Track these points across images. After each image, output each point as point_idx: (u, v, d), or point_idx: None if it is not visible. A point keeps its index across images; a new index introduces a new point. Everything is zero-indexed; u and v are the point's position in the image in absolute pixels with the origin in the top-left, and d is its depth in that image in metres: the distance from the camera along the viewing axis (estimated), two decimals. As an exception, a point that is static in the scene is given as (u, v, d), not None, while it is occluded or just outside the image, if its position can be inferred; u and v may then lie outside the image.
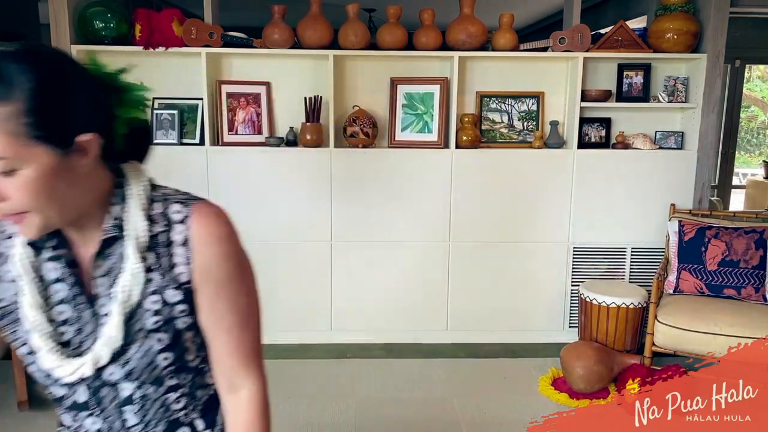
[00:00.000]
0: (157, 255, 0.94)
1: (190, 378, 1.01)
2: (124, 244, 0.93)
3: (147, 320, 0.93)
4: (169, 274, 0.94)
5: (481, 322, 3.70)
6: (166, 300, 0.94)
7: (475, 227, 3.60)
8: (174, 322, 0.94)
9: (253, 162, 3.49)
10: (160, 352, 0.94)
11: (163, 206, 0.97)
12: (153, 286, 0.93)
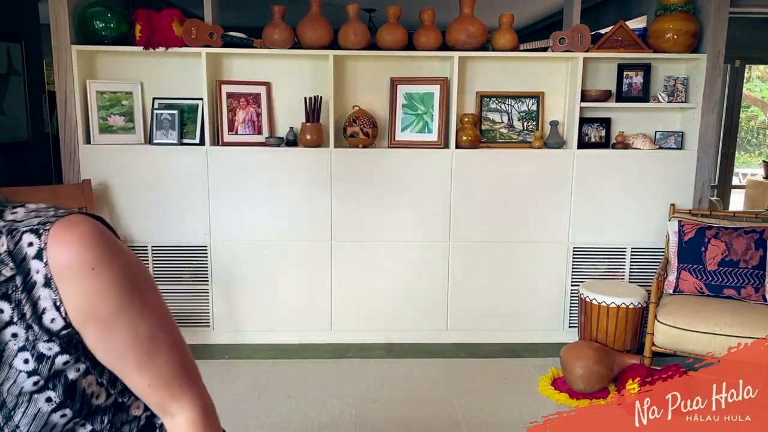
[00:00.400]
0: (15, 304, 0.74)
1: (107, 419, 0.85)
2: None
3: (24, 382, 0.76)
4: (36, 325, 0.75)
5: (481, 322, 3.70)
6: (42, 354, 0.76)
7: (475, 227, 3.60)
8: (62, 374, 0.78)
9: (253, 162, 3.49)
10: (53, 412, 0.79)
11: (10, 240, 0.75)
12: (19, 341, 0.75)
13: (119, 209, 3.52)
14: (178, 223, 3.54)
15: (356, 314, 3.65)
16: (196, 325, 3.66)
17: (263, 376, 3.25)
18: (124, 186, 3.49)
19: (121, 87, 3.50)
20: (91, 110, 3.46)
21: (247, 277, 3.59)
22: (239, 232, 3.53)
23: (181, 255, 3.58)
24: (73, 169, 3.48)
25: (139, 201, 3.51)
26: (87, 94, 3.45)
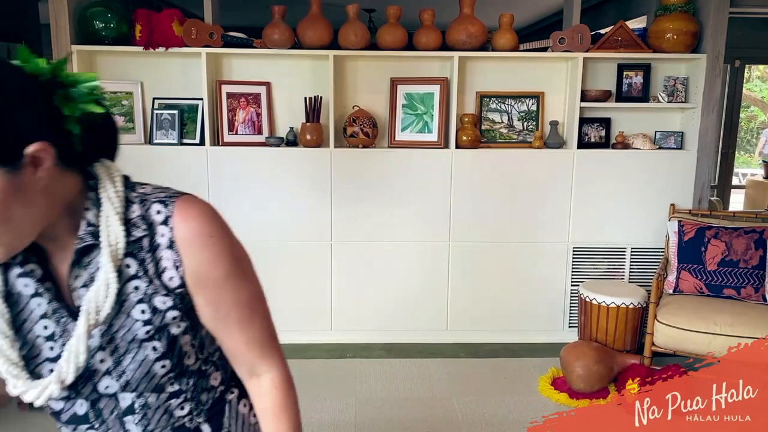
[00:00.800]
0: (140, 261, 0.87)
1: (192, 382, 0.95)
2: (99, 254, 0.85)
3: (138, 330, 0.87)
4: (156, 281, 0.87)
5: (481, 322, 3.70)
6: (156, 307, 0.87)
7: (475, 227, 3.60)
8: (167, 328, 0.88)
9: (253, 162, 3.49)
10: (156, 360, 0.88)
11: (142, 208, 0.89)
12: (139, 294, 0.86)
13: (119, 209, 3.51)
14: (178, 223, 3.53)
15: (356, 314, 3.65)
16: (196, 325, 3.66)
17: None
18: (124, 186, 3.49)
19: (121, 87, 3.50)
20: (91, 110, 3.46)
21: (247, 277, 3.59)
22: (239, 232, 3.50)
23: (181, 255, 3.57)
24: (73, 169, 3.47)
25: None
26: (87, 94, 3.44)
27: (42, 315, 0.87)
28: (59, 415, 0.93)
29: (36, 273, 0.86)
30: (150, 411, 0.92)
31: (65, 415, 0.92)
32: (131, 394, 0.90)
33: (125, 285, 0.86)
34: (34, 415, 2.83)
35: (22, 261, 0.86)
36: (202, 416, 0.98)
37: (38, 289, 0.86)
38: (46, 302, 0.87)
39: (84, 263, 0.86)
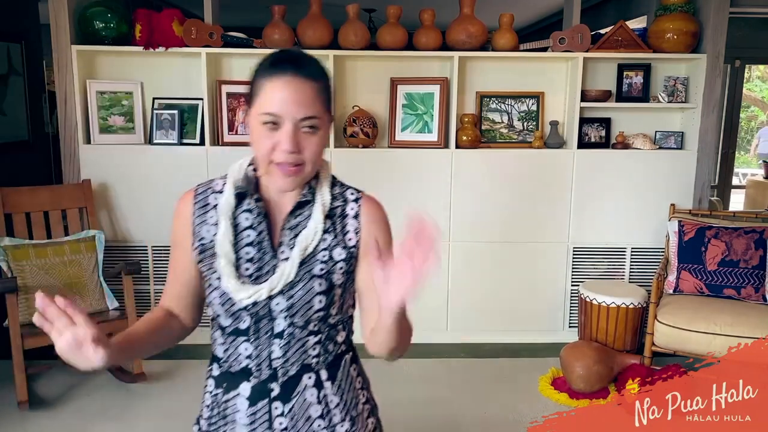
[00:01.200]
0: (333, 222, 1.19)
1: (327, 330, 1.19)
2: (313, 207, 1.17)
3: (315, 267, 1.15)
4: (339, 238, 1.18)
5: (481, 322, 3.70)
6: (333, 257, 1.17)
7: (475, 227, 3.60)
8: (332, 275, 1.16)
9: (253, 162, 3.49)
10: (317, 294, 1.15)
11: (341, 189, 1.24)
12: (325, 243, 1.17)
13: (119, 209, 3.52)
14: (178, 223, 3.53)
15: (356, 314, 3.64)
16: (196, 325, 3.65)
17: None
18: (124, 186, 3.49)
19: (121, 87, 3.50)
20: (91, 110, 3.46)
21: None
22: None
23: (181, 255, 3.57)
24: (73, 169, 3.48)
25: (139, 201, 3.51)
26: (87, 94, 3.45)
27: (248, 243, 1.16)
28: (225, 328, 1.18)
29: (255, 212, 1.17)
30: (293, 341, 1.15)
31: (230, 328, 1.17)
32: (285, 321, 1.14)
33: (323, 235, 1.17)
34: (35, 415, 2.83)
35: (249, 201, 1.18)
36: (325, 364, 1.20)
37: (253, 224, 1.17)
38: (255, 234, 1.16)
39: (296, 213, 1.17)
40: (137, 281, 3.44)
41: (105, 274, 3.23)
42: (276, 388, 1.16)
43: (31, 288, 2.99)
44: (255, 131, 1.12)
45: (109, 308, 3.19)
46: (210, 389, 1.25)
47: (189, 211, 1.21)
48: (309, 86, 1.11)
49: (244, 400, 1.17)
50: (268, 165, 1.12)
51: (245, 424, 1.17)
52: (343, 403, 1.23)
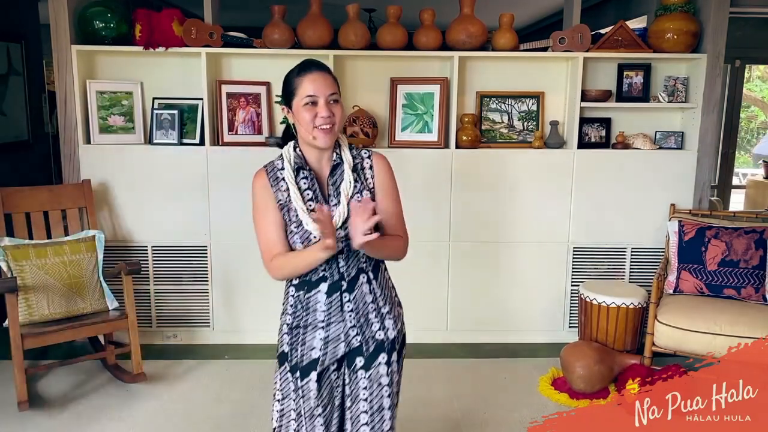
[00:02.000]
0: (357, 174, 1.76)
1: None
2: (343, 167, 1.74)
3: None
4: (363, 183, 1.76)
5: (481, 322, 3.70)
6: (363, 196, 1.72)
7: (475, 227, 3.60)
8: None
9: (253, 162, 3.46)
10: None
11: (357, 151, 1.80)
12: (357, 189, 1.74)
13: (119, 209, 3.52)
14: (178, 223, 3.53)
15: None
16: (196, 325, 3.66)
17: (263, 376, 3.25)
18: (124, 186, 3.49)
19: (121, 87, 3.50)
20: (91, 110, 3.46)
21: (247, 277, 3.59)
22: (239, 232, 3.53)
23: (181, 255, 3.58)
24: (73, 169, 3.48)
25: (139, 201, 3.51)
26: (87, 94, 3.45)
27: (309, 198, 1.72)
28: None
29: (309, 178, 1.73)
30: (350, 255, 1.74)
31: None
32: (344, 243, 1.69)
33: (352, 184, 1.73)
34: (35, 415, 2.83)
35: (307, 171, 1.73)
36: (371, 267, 1.79)
37: (309, 186, 1.73)
38: (312, 192, 1.73)
39: (334, 174, 1.75)
40: (137, 281, 3.44)
41: (105, 274, 3.23)
42: (344, 284, 1.75)
43: (31, 288, 2.99)
44: (299, 114, 1.68)
45: (109, 308, 3.19)
46: (292, 293, 1.83)
47: (267, 183, 1.74)
48: (328, 76, 1.70)
49: (322, 295, 1.75)
50: (312, 131, 1.66)
51: (323, 309, 1.76)
52: (383, 293, 1.82)
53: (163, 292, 3.62)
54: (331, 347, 1.76)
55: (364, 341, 1.77)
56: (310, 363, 1.77)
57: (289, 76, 1.71)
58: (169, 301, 3.63)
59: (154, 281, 3.60)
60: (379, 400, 1.78)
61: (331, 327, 1.76)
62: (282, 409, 1.83)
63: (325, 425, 1.77)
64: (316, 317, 1.77)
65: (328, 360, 1.76)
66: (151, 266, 3.58)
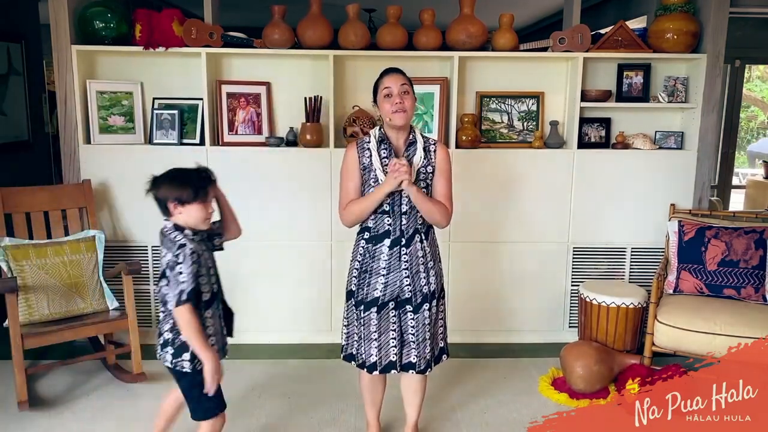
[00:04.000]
0: (425, 153, 2.32)
1: None
2: (416, 146, 2.32)
3: (419, 176, 2.31)
4: (428, 161, 2.32)
5: (481, 322, 3.70)
6: (427, 170, 2.33)
7: (475, 227, 3.60)
8: (427, 180, 2.33)
9: (253, 162, 3.49)
10: (422, 187, 2.31)
11: (425, 138, 2.37)
12: (422, 163, 2.31)
13: (119, 209, 3.52)
14: (178, 223, 3.53)
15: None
16: (196, 325, 3.65)
17: (263, 376, 3.25)
18: (124, 186, 3.49)
19: (121, 87, 3.51)
20: (91, 110, 3.46)
21: (247, 277, 3.59)
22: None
23: (181, 255, 3.57)
24: (73, 169, 3.48)
25: (140, 201, 3.46)
26: (87, 94, 3.45)
27: (385, 165, 2.28)
28: (375, 210, 2.31)
29: (388, 149, 2.30)
30: (411, 215, 2.32)
31: (378, 210, 2.31)
32: (407, 206, 2.30)
33: (421, 159, 2.31)
34: (35, 415, 2.83)
35: (387, 147, 2.31)
36: (424, 229, 2.36)
37: (387, 156, 2.30)
38: (388, 159, 2.28)
39: (407, 150, 2.32)
40: (137, 281, 3.44)
41: (105, 274, 3.23)
42: (403, 240, 2.32)
43: (31, 288, 2.99)
44: (381, 104, 2.28)
45: (109, 308, 3.19)
46: (362, 245, 2.39)
47: (355, 152, 2.33)
48: (401, 75, 2.29)
49: (386, 248, 2.33)
50: (390, 114, 2.24)
51: (385, 259, 2.33)
52: (431, 251, 2.40)
53: (163, 292, 3.62)
54: (389, 290, 2.34)
55: (413, 293, 2.34)
56: (372, 300, 2.35)
57: (375, 82, 2.33)
58: (169, 301, 3.63)
59: (154, 281, 3.60)
60: (423, 334, 2.36)
61: (390, 275, 2.33)
62: (348, 332, 2.45)
63: (378, 347, 2.34)
64: (379, 265, 2.34)
65: (387, 299, 2.33)
66: (151, 266, 3.58)
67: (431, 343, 2.39)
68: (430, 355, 2.40)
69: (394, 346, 2.35)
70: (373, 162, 2.28)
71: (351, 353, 2.45)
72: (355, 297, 2.40)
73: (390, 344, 2.35)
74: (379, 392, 2.57)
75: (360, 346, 2.39)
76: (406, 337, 2.36)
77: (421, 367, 2.38)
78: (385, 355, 2.36)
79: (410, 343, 2.37)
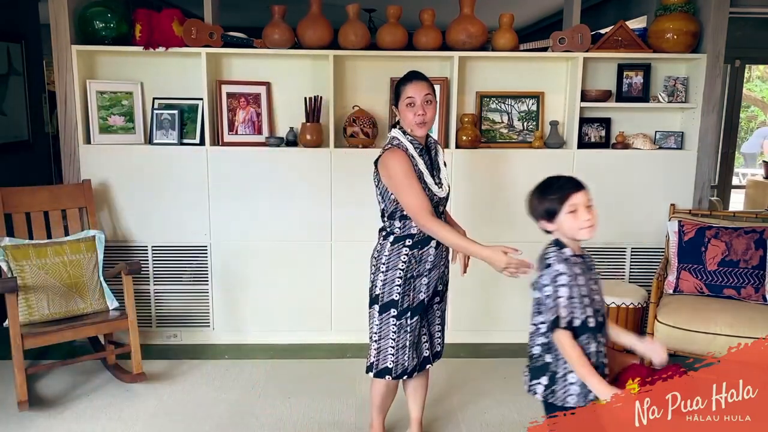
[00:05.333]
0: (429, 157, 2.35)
1: None
2: (437, 147, 2.40)
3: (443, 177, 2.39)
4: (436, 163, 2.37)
5: (481, 322, 3.70)
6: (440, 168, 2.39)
7: (475, 227, 3.58)
8: None
9: (253, 162, 3.49)
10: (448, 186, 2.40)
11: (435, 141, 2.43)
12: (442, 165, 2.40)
13: (119, 209, 3.52)
14: (178, 223, 3.53)
15: (356, 314, 3.63)
16: (196, 325, 3.66)
17: (263, 376, 3.25)
18: (124, 186, 3.49)
19: (121, 87, 3.50)
20: (91, 110, 3.46)
21: (247, 277, 3.59)
22: (239, 232, 3.53)
23: (181, 255, 3.58)
24: (73, 169, 3.48)
25: (139, 201, 3.51)
26: (87, 94, 3.45)
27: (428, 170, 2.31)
28: None
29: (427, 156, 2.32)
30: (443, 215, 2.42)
31: None
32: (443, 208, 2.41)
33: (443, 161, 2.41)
34: (35, 415, 2.83)
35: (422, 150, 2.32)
36: None
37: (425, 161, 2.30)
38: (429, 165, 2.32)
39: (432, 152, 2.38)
40: (137, 281, 3.44)
41: (105, 274, 3.23)
42: None
43: (31, 288, 2.99)
44: (403, 112, 2.26)
45: (109, 308, 3.19)
46: (406, 252, 2.31)
47: (406, 157, 2.24)
48: (425, 83, 2.26)
49: (433, 249, 2.34)
50: (413, 126, 2.25)
51: (431, 261, 2.35)
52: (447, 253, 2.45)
53: (163, 292, 3.62)
54: (432, 289, 2.38)
55: (444, 285, 2.48)
56: (419, 304, 2.34)
57: (397, 84, 2.29)
58: (169, 301, 3.63)
59: (154, 281, 3.60)
60: (441, 322, 2.51)
61: (432, 273, 2.36)
62: (379, 347, 2.35)
63: (416, 349, 2.37)
64: (426, 267, 2.34)
65: (427, 298, 2.36)
66: (151, 266, 3.58)
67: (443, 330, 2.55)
68: None
69: (427, 341, 2.43)
70: (420, 168, 2.25)
71: (386, 367, 2.35)
72: (399, 306, 2.31)
73: (422, 341, 2.42)
74: (391, 398, 2.56)
75: (397, 356, 2.34)
76: (433, 329, 2.47)
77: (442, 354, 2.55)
78: (420, 354, 2.41)
79: (436, 333, 2.48)
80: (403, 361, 2.34)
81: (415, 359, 2.37)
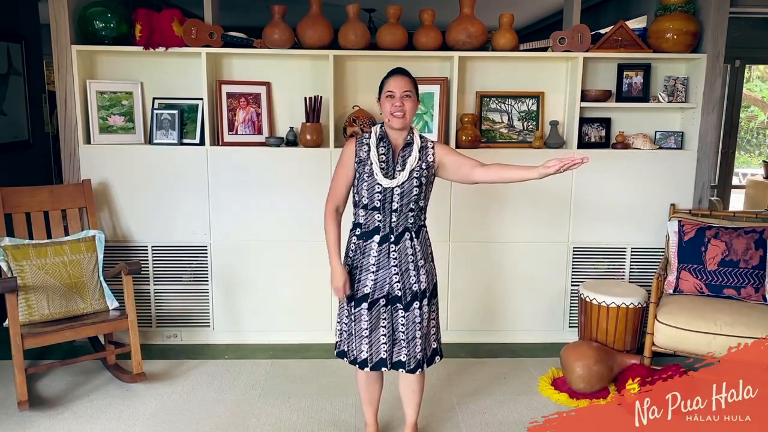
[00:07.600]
0: (421, 153, 2.36)
1: (416, 210, 2.36)
2: (413, 146, 2.35)
3: (414, 174, 2.33)
4: (424, 160, 2.36)
5: (481, 322, 3.70)
6: (423, 167, 2.35)
7: (475, 227, 3.60)
8: (422, 179, 2.34)
9: (253, 162, 3.49)
10: (414, 187, 2.32)
11: (424, 139, 2.41)
12: (419, 163, 2.34)
13: (119, 209, 3.52)
14: (178, 223, 3.54)
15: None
16: (196, 325, 3.66)
17: (263, 376, 3.25)
18: (124, 186, 3.49)
19: (121, 87, 3.51)
20: (91, 110, 3.46)
21: (247, 277, 3.59)
22: (239, 232, 3.53)
23: (181, 255, 3.58)
24: (73, 169, 3.48)
25: (139, 201, 3.51)
26: (87, 94, 3.45)
27: (383, 160, 2.33)
28: (366, 206, 2.35)
29: (386, 147, 2.35)
30: (402, 213, 2.33)
31: (369, 206, 2.34)
32: (397, 203, 2.32)
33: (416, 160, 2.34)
34: (35, 415, 2.83)
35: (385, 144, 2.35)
36: (415, 228, 2.38)
37: (385, 152, 2.34)
38: (386, 156, 2.34)
39: (404, 149, 2.35)
40: (137, 281, 3.44)
41: (105, 274, 3.23)
42: (392, 237, 2.35)
43: (31, 288, 2.99)
44: (383, 103, 2.33)
45: (109, 308, 3.19)
46: (354, 240, 2.41)
47: (353, 147, 2.37)
48: (407, 79, 2.35)
49: (375, 244, 2.36)
50: (390, 116, 2.30)
51: (375, 255, 2.36)
52: (422, 250, 2.40)
53: (163, 292, 3.62)
54: (378, 286, 2.37)
55: (403, 292, 2.37)
56: (363, 296, 2.38)
57: (382, 79, 2.38)
58: (169, 301, 3.63)
59: (154, 281, 3.60)
60: (413, 332, 2.38)
61: (379, 272, 2.36)
62: (340, 329, 2.47)
63: (369, 344, 2.38)
64: (369, 261, 2.37)
65: (376, 296, 2.36)
66: (151, 266, 3.58)
67: (422, 343, 2.39)
68: (421, 355, 2.40)
69: (385, 343, 2.38)
70: (371, 156, 2.32)
71: (343, 350, 2.47)
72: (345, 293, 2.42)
73: (380, 341, 2.38)
74: (375, 390, 2.57)
75: (351, 342, 2.42)
76: (396, 336, 2.39)
77: (410, 366, 2.39)
78: (375, 352, 2.39)
79: (400, 342, 2.39)
80: (357, 348, 2.40)
81: (368, 353, 2.39)
